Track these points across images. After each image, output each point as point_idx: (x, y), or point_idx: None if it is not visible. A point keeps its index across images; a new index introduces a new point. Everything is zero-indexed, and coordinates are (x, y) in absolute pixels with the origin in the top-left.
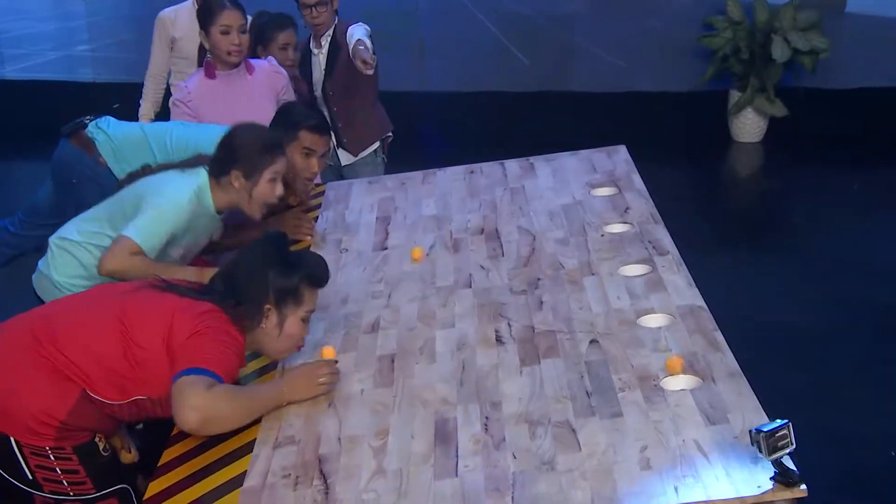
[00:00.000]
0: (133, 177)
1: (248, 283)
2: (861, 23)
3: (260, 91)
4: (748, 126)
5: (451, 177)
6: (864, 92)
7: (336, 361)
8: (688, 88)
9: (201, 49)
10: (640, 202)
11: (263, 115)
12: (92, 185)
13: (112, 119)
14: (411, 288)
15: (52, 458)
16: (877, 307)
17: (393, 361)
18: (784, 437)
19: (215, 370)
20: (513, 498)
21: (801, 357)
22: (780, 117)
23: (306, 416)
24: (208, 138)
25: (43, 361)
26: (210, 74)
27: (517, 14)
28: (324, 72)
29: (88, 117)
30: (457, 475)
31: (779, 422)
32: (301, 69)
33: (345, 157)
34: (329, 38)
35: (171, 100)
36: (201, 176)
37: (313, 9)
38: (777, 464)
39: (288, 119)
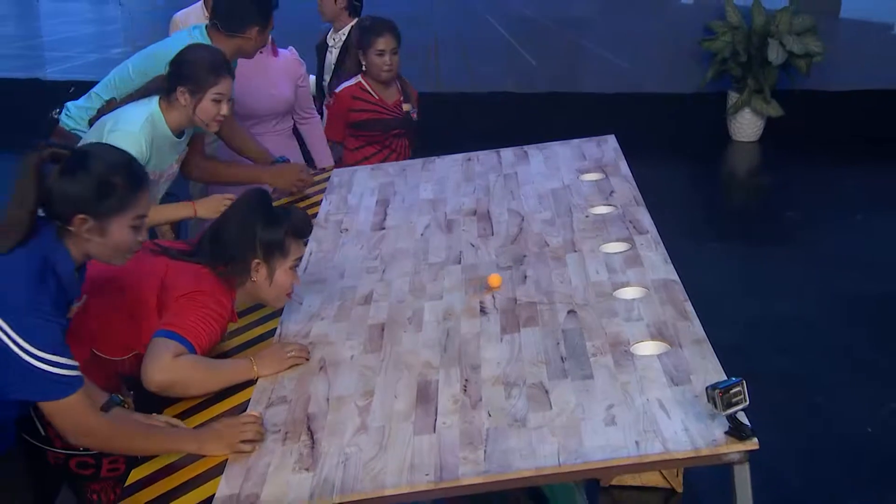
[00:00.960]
0: (100, 112)
1: (235, 240)
2: (855, 27)
3: (279, 72)
4: (746, 126)
5: (450, 164)
6: (858, 94)
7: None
8: (689, 90)
9: None
10: (625, 186)
11: (280, 93)
12: None
13: (70, 104)
14: (405, 264)
15: None
16: (865, 298)
17: (383, 330)
18: (738, 393)
19: (191, 339)
20: (485, 451)
21: (788, 342)
22: (776, 117)
23: (299, 378)
24: (164, 51)
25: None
26: None
27: (526, 17)
28: (333, 67)
29: (55, 111)
30: (434, 431)
31: (733, 379)
32: (318, 56)
33: None
34: (346, 34)
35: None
36: (152, 102)
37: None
38: (731, 419)
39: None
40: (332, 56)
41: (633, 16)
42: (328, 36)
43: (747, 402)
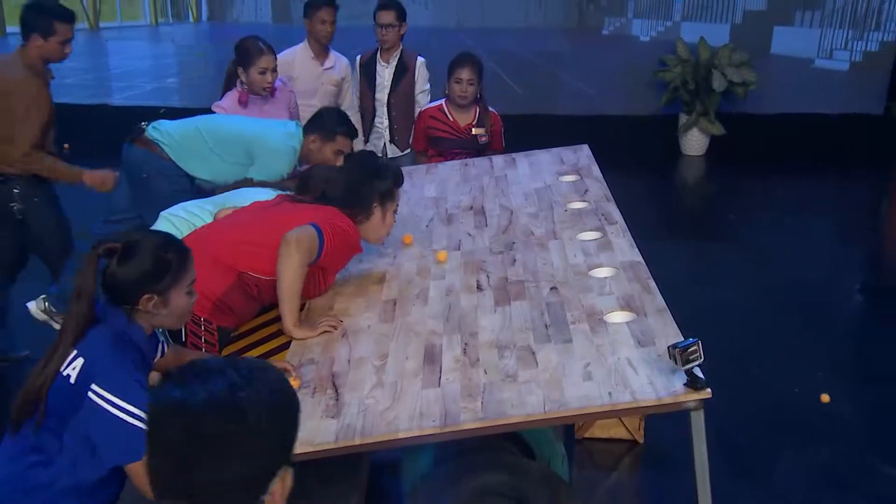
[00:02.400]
0: (237, 185)
1: (358, 189)
2: (782, 61)
3: (279, 108)
4: (694, 142)
5: (450, 168)
6: (785, 116)
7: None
8: (646, 112)
9: (231, 76)
10: (597, 186)
11: None
12: (160, 177)
13: (164, 121)
14: (412, 250)
15: (203, 327)
16: (792, 286)
17: (395, 304)
18: (695, 351)
19: (325, 238)
20: (482, 402)
21: (730, 323)
22: (719, 136)
23: (324, 344)
24: (256, 132)
25: (210, 257)
26: (243, 102)
27: (511, 52)
28: (389, 85)
29: (144, 123)
30: (439, 385)
31: (690, 340)
32: (366, 75)
33: (392, 151)
34: (396, 58)
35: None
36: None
37: (384, 29)
38: (689, 373)
39: (327, 123)
40: (386, 74)
41: (599, 51)
42: (378, 57)
43: (702, 359)
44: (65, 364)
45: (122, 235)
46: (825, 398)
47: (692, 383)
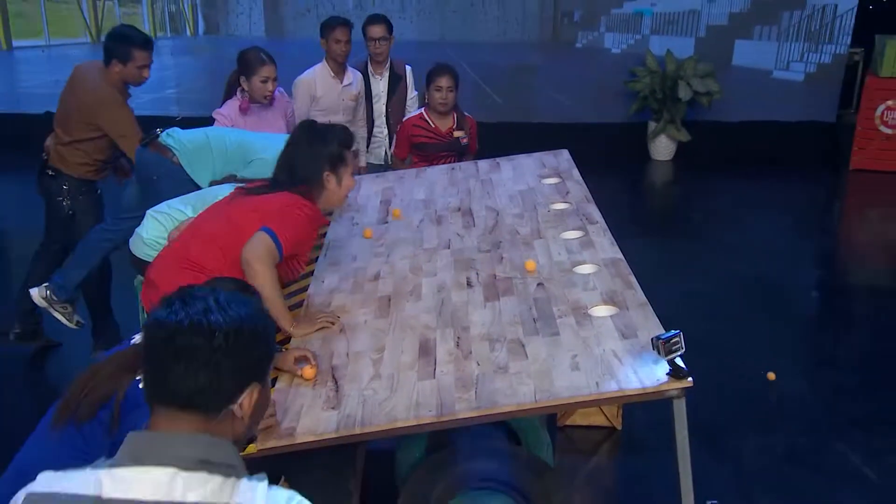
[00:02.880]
0: (215, 182)
1: (304, 164)
2: (743, 72)
3: (276, 116)
4: (662, 148)
5: (438, 172)
6: (746, 124)
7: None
8: (617, 120)
9: (232, 85)
10: (577, 188)
11: (277, 130)
12: (168, 179)
13: (178, 129)
14: (405, 249)
15: None
16: (754, 278)
17: (389, 300)
18: (676, 342)
19: (281, 240)
20: (476, 392)
21: (697, 312)
22: (685, 142)
23: (324, 339)
24: (257, 146)
25: (179, 268)
26: (244, 110)
27: (492, 64)
28: (385, 95)
29: (159, 129)
30: (434, 377)
31: (673, 332)
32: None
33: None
34: (388, 69)
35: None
36: None
37: (377, 42)
38: (671, 363)
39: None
40: (381, 85)
41: (573, 63)
42: (370, 68)
43: (683, 349)
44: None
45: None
46: (771, 376)
47: (675, 373)
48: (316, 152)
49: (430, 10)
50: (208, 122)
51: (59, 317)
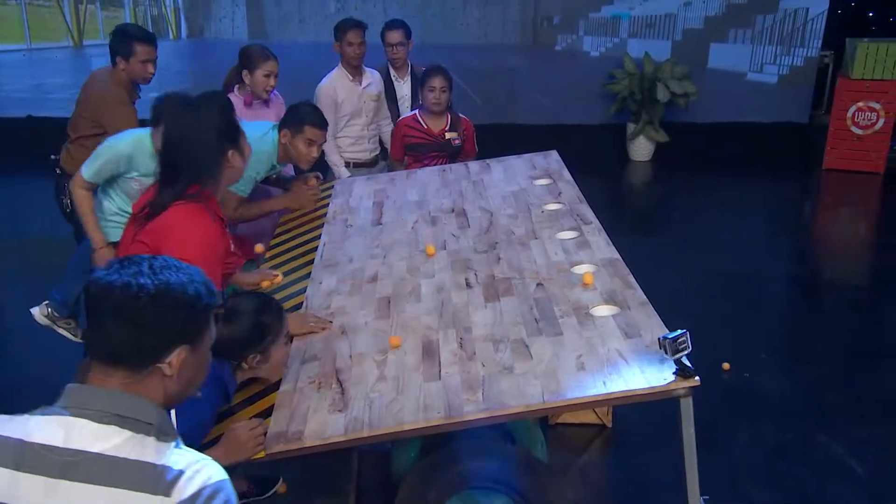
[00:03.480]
0: None
1: (204, 150)
2: (718, 75)
3: (270, 115)
4: (641, 149)
5: (429, 174)
6: (721, 125)
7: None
8: (597, 121)
9: (229, 83)
10: (569, 188)
11: None
12: None
13: None
14: (401, 251)
15: None
16: (732, 274)
17: (389, 302)
18: (683, 342)
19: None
20: (483, 393)
21: (678, 307)
22: (663, 142)
23: (325, 341)
24: None
25: None
26: (248, 103)
27: (473, 66)
28: (409, 98)
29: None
30: (440, 379)
31: (679, 331)
32: (385, 92)
33: None
34: (408, 72)
35: None
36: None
37: (395, 48)
38: (678, 362)
39: (296, 116)
40: (405, 87)
41: (553, 65)
42: (392, 72)
43: (690, 349)
44: None
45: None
46: (726, 366)
47: (681, 372)
48: (206, 130)
49: (411, 14)
50: None
51: (65, 333)
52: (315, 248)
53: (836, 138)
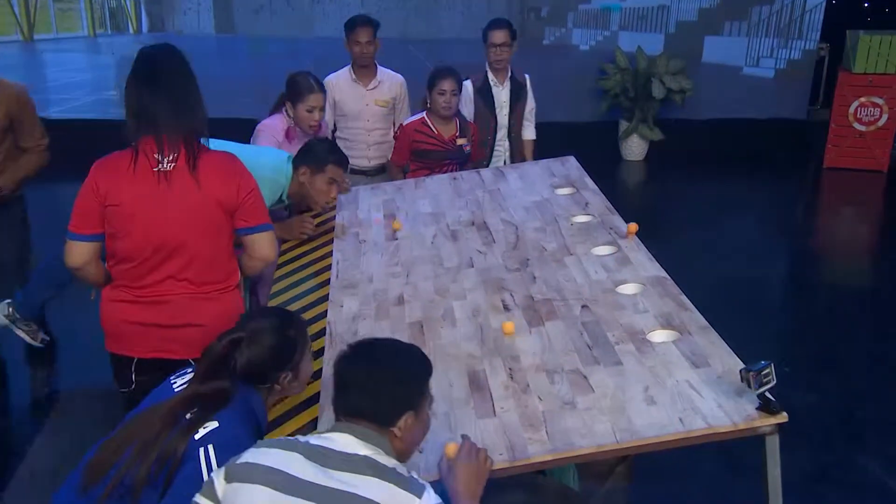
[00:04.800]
0: None
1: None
2: (713, 70)
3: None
4: (634, 148)
5: (438, 182)
6: (717, 121)
7: None
8: (588, 119)
9: (281, 102)
10: (597, 199)
11: None
12: None
13: None
14: (424, 269)
15: None
16: (724, 275)
17: (422, 326)
18: (768, 374)
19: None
20: (546, 432)
21: None
22: (658, 141)
23: None
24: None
25: None
26: (290, 138)
27: (457, 62)
28: (508, 105)
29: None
30: (495, 415)
31: (763, 363)
32: (483, 98)
33: None
34: (509, 77)
35: (259, 126)
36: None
37: (498, 49)
38: (762, 396)
39: (315, 155)
40: (504, 93)
41: (542, 60)
42: (490, 76)
43: (775, 382)
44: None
45: (244, 325)
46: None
47: (766, 407)
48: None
49: (391, 7)
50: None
51: (23, 335)
52: (327, 267)
53: (837, 135)
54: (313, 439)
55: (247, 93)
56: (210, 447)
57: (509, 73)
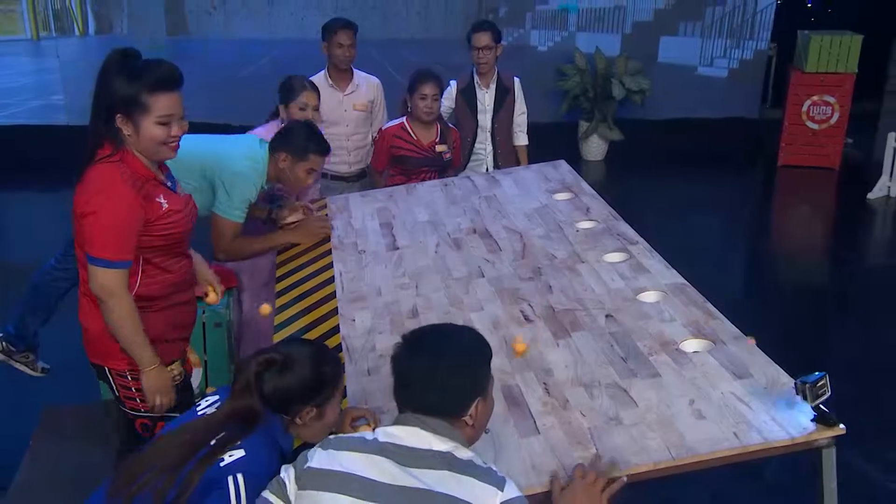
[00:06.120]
0: None
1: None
2: (668, 70)
3: None
4: (594, 148)
5: (430, 189)
6: (674, 121)
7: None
8: (548, 120)
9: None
10: (597, 204)
11: None
12: None
13: None
14: (433, 280)
15: (129, 378)
16: (682, 272)
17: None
18: (823, 385)
19: (104, 255)
20: (597, 449)
21: None
22: (617, 141)
23: (385, 391)
24: (213, 152)
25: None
26: None
27: (415, 62)
28: (492, 108)
29: None
30: (539, 433)
31: (817, 374)
32: (466, 100)
33: None
34: (495, 81)
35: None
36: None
37: (480, 52)
38: (816, 408)
39: (297, 141)
40: (488, 97)
41: (501, 61)
42: (476, 80)
43: (829, 393)
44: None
45: (281, 348)
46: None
47: (822, 419)
48: (106, 90)
49: (348, 7)
50: None
51: (22, 367)
52: (329, 279)
53: (791, 133)
54: (382, 436)
55: (198, 95)
56: (239, 476)
57: (495, 77)
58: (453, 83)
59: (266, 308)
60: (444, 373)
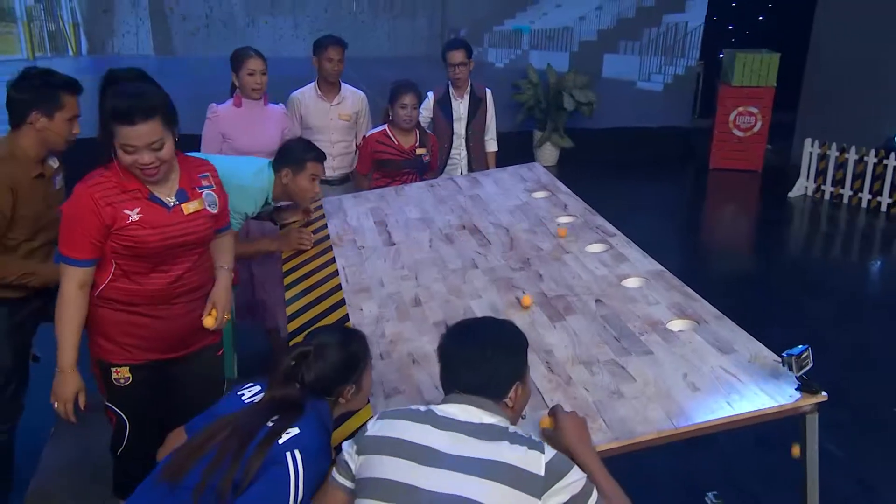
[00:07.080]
0: None
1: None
2: (611, 84)
3: (271, 121)
4: (547, 154)
5: (417, 190)
6: (617, 130)
7: None
8: (506, 130)
9: (232, 87)
10: (573, 201)
11: (269, 136)
12: None
13: None
14: (431, 271)
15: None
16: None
17: (447, 325)
18: (806, 357)
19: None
20: (604, 421)
21: None
22: (568, 148)
23: (399, 372)
24: (224, 167)
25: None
26: (237, 104)
27: (385, 79)
28: (466, 117)
29: None
30: (548, 407)
31: (801, 347)
32: (442, 110)
33: None
34: (469, 92)
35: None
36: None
37: (456, 68)
38: (800, 378)
39: (294, 155)
40: (462, 106)
41: None
42: (451, 91)
43: (811, 364)
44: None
45: (310, 339)
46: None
47: (807, 387)
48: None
49: (322, 28)
50: (81, 143)
51: None
52: (333, 273)
53: (720, 140)
54: (437, 411)
55: (184, 109)
56: (297, 452)
57: (469, 88)
58: (430, 94)
59: (209, 319)
60: (488, 356)
